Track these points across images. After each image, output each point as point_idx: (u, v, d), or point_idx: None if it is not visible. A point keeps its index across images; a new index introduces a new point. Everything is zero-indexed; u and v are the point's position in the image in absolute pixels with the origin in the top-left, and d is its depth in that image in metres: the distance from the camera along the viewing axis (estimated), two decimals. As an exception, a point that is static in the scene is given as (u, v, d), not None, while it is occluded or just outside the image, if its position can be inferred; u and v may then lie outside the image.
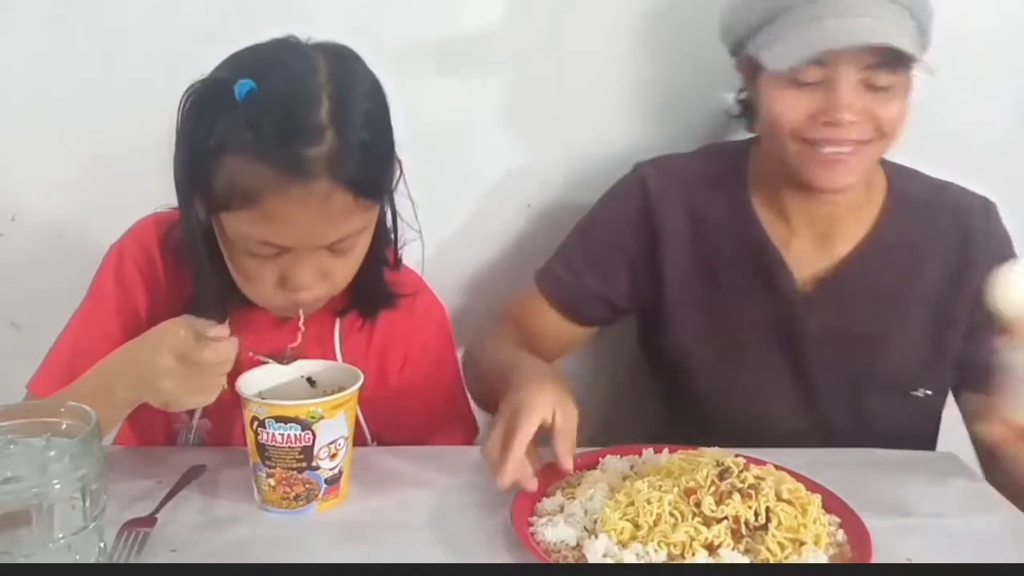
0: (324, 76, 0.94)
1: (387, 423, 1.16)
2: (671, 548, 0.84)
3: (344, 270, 1.02)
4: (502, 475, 0.92)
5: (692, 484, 0.88)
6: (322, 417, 0.91)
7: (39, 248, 1.43)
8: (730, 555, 0.84)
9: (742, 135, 1.39)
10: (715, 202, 1.25)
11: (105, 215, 1.18)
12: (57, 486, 0.77)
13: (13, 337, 1.47)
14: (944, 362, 1.24)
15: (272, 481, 0.93)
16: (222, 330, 0.91)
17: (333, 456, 0.93)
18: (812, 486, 0.93)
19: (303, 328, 1.02)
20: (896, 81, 1.09)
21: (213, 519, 0.94)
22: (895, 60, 1.07)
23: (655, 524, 0.86)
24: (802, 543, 0.85)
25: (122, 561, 0.84)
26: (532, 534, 0.90)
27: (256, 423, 0.91)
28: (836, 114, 1.08)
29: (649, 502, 0.87)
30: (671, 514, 0.86)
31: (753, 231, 1.23)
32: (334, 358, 1.11)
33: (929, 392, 1.24)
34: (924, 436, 1.27)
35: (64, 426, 0.82)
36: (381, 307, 1.14)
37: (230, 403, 0.96)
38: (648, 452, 1.03)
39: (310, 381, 1.01)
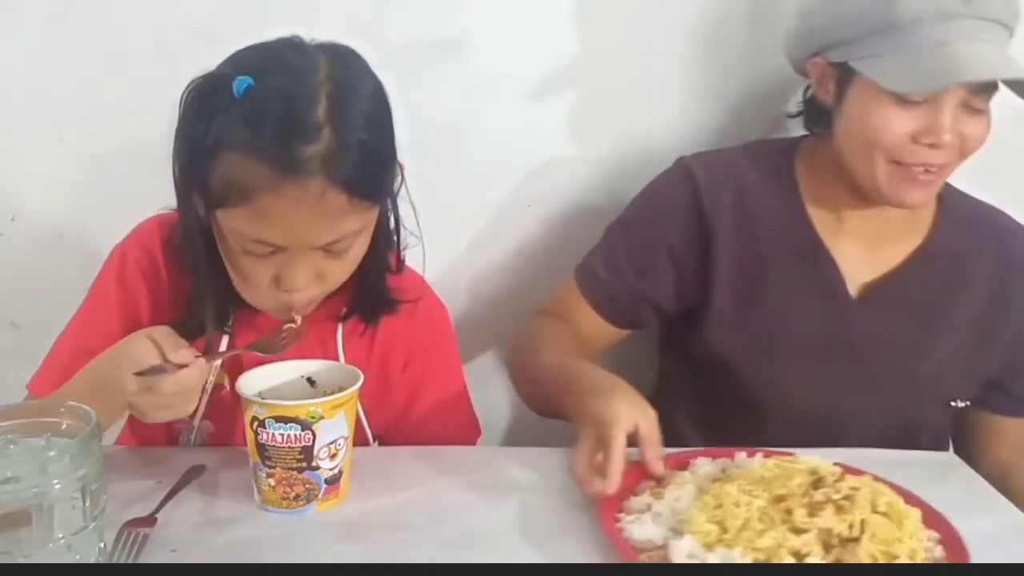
0: (324, 75, 0.93)
1: (390, 425, 1.16)
2: (757, 554, 0.82)
3: (340, 271, 1.02)
4: (606, 489, 0.92)
5: (784, 491, 0.87)
6: (322, 417, 0.91)
7: (39, 248, 1.43)
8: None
9: (752, 135, 1.39)
10: (765, 200, 1.23)
11: (105, 215, 1.18)
12: (57, 486, 0.77)
13: (13, 337, 1.47)
14: (977, 377, 1.25)
15: (272, 481, 0.93)
16: (186, 355, 0.90)
17: (333, 456, 0.93)
18: (912, 500, 0.91)
19: (298, 322, 1.02)
20: (986, 104, 1.10)
21: (213, 519, 0.94)
22: (994, 84, 1.08)
23: (742, 528, 0.84)
24: (895, 556, 0.82)
25: (122, 561, 0.84)
26: (620, 530, 0.89)
27: (256, 423, 0.91)
28: (939, 136, 1.08)
29: (737, 505, 0.86)
30: (760, 519, 0.85)
31: (805, 232, 1.22)
32: (336, 359, 1.11)
33: (968, 403, 1.25)
34: (944, 443, 1.29)
35: (64, 426, 0.82)
36: (383, 313, 1.13)
37: (231, 405, 0.96)
38: (741, 456, 1.01)
39: (310, 381, 1.01)
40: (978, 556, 0.88)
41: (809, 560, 0.82)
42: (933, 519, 0.90)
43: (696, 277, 1.24)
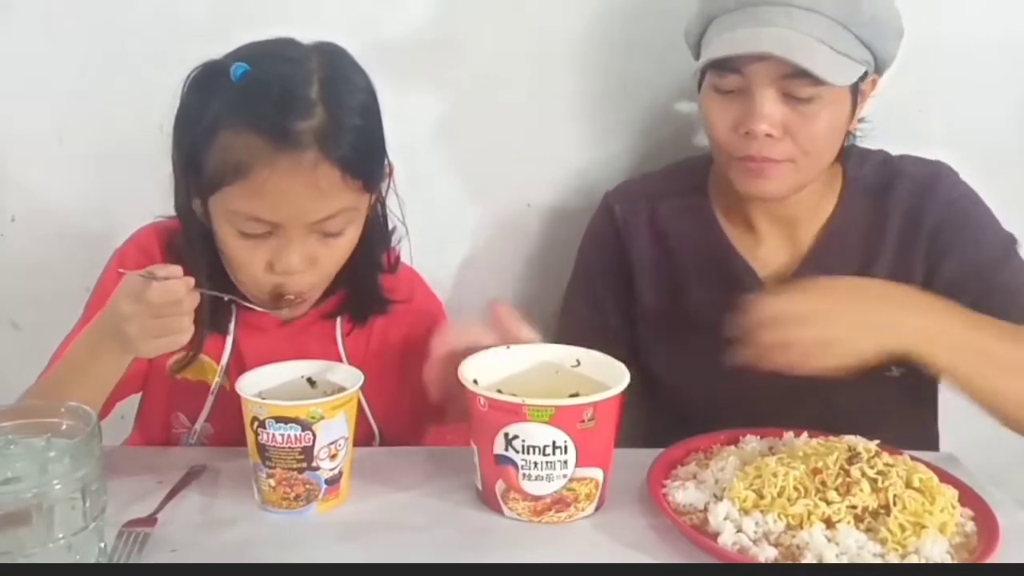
0: (316, 63, 0.98)
1: (392, 418, 1.17)
2: (789, 519, 0.88)
3: (332, 257, 1.04)
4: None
5: (820, 465, 0.92)
6: (322, 417, 0.91)
7: (39, 248, 1.43)
8: (847, 531, 0.87)
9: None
10: (678, 216, 1.25)
11: (105, 215, 1.18)
12: (57, 486, 0.77)
13: (13, 337, 1.47)
14: None
15: (272, 481, 0.93)
16: (172, 270, 0.92)
17: (333, 456, 0.93)
18: (947, 479, 0.95)
19: (286, 315, 1.04)
20: (819, 93, 1.06)
21: (213, 519, 0.94)
22: (813, 75, 1.04)
23: (778, 495, 0.90)
24: (923, 527, 0.87)
25: (122, 561, 0.84)
26: (664, 495, 0.95)
27: (256, 423, 0.91)
28: (750, 125, 1.07)
29: (775, 475, 0.91)
30: (795, 488, 0.90)
31: (717, 240, 1.23)
32: (338, 357, 1.12)
33: (902, 370, 1.17)
34: (917, 420, 1.25)
35: (64, 426, 0.82)
36: (372, 312, 1.15)
37: (231, 406, 0.96)
38: (788, 435, 1.06)
39: (310, 381, 1.01)
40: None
41: (840, 527, 0.87)
42: (969, 498, 0.95)
43: (627, 304, 1.27)
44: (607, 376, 0.97)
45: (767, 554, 0.86)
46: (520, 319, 1.02)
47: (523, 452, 0.90)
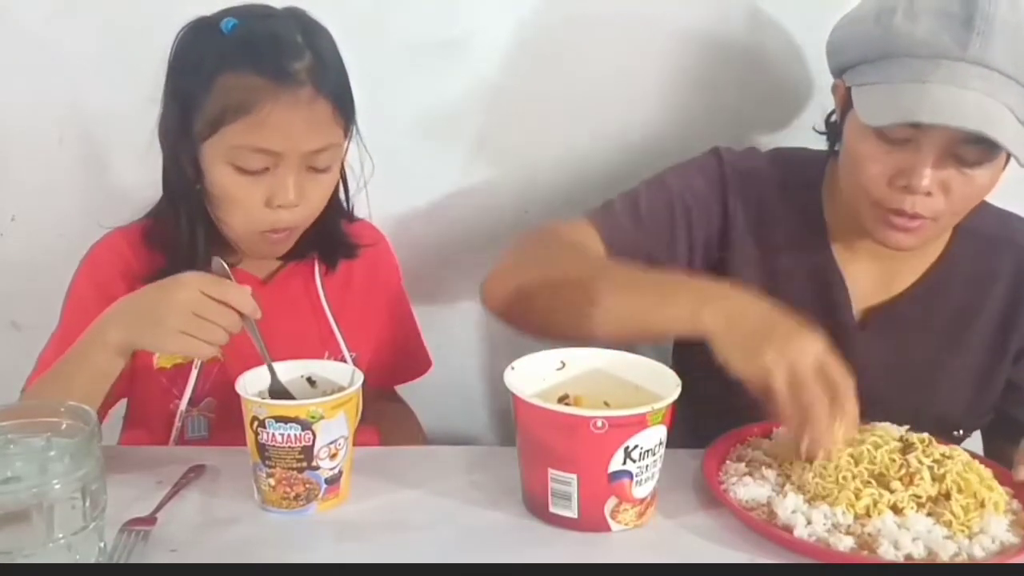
0: (291, 17, 1.09)
1: (373, 366, 1.22)
2: (856, 510, 0.89)
3: (319, 193, 1.11)
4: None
5: (875, 466, 0.93)
6: (322, 417, 0.91)
7: (39, 248, 1.43)
8: (915, 517, 0.88)
9: (748, 143, 1.38)
10: (786, 211, 1.20)
11: (105, 215, 1.18)
12: (57, 486, 0.77)
13: (13, 337, 1.47)
14: (985, 403, 1.22)
15: (272, 481, 0.93)
16: (245, 288, 0.97)
17: (333, 456, 0.93)
18: (982, 460, 0.97)
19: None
20: (986, 156, 1.02)
21: (213, 519, 0.94)
22: (989, 140, 0.99)
23: (841, 487, 0.91)
24: (983, 505, 0.90)
25: (122, 561, 0.84)
26: (725, 491, 0.95)
27: (256, 423, 0.91)
28: (911, 179, 1.02)
29: (836, 467, 0.92)
30: (854, 478, 0.92)
31: (820, 250, 1.19)
32: (322, 310, 1.19)
33: (969, 433, 1.22)
34: None
35: (64, 426, 0.82)
36: (341, 255, 1.22)
37: (223, 376, 0.97)
38: (781, 430, 1.05)
39: (310, 381, 1.02)
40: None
41: (908, 514, 0.89)
42: (1006, 478, 0.97)
43: (706, 265, 1.20)
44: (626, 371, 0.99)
45: (844, 544, 0.86)
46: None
47: (639, 460, 0.88)
